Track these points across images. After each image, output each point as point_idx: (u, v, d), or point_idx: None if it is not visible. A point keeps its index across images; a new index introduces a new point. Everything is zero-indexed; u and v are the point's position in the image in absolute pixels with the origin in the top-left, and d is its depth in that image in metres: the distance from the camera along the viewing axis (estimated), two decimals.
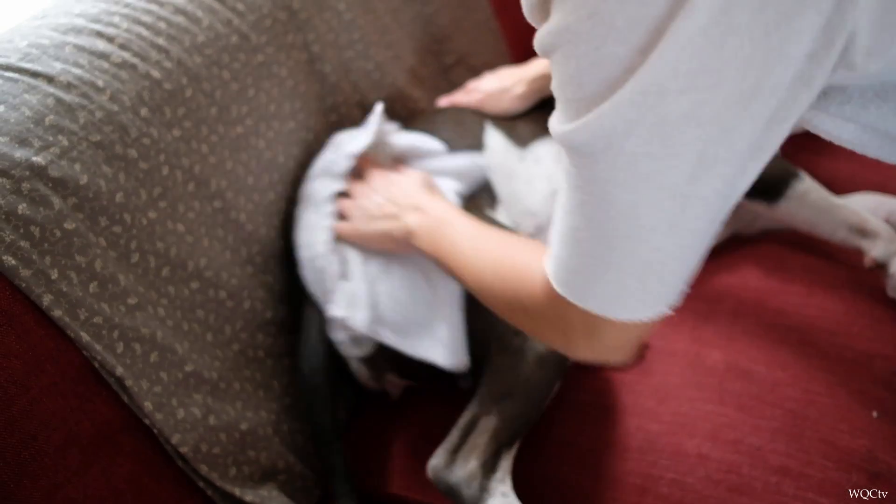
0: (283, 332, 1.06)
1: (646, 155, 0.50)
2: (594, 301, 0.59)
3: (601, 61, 0.49)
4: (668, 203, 0.52)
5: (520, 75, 1.23)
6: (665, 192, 0.52)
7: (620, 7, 0.47)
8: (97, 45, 0.91)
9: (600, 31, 0.48)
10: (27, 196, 0.78)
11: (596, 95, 0.50)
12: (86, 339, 0.80)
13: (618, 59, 0.48)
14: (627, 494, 0.87)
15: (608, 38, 0.47)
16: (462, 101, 1.26)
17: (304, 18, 1.17)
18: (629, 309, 0.58)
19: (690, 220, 0.53)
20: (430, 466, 0.89)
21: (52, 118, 0.83)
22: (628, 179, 0.51)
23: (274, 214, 1.07)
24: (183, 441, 0.87)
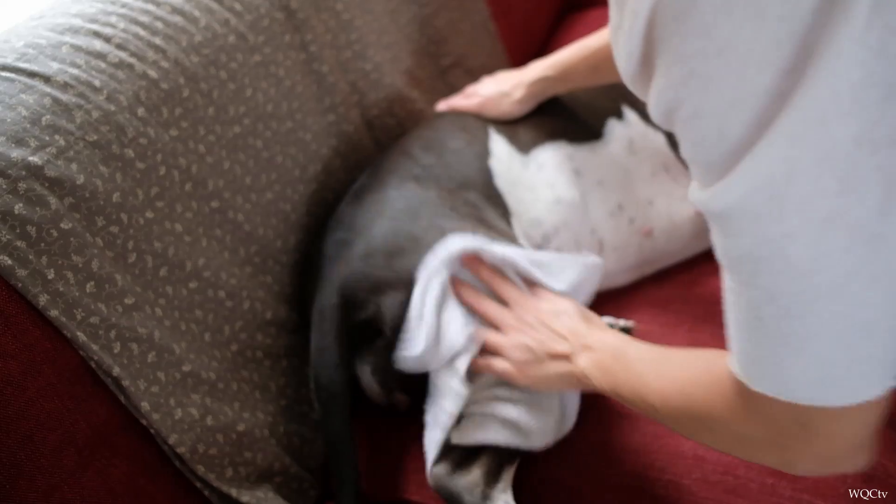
0: (282, 333, 1.06)
1: (819, 195, 0.42)
2: (798, 388, 0.48)
3: (742, 100, 0.42)
4: (860, 247, 0.43)
5: (518, 79, 1.21)
6: (852, 235, 0.43)
7: (758, 29, 0.40)
8: (94, 45, 0.91)
9: (736, 65, 0.42)
10: (23, 196, 0.78)
11: (743, 142, 0.43)
12: (82, 339, 0.80)
13: (763, 92, 0.42)
14: (624, 496, 0.87)
15: (747, 69, 0.41)
16: (461, 105, 1.26)
17: (302, 19, 1.17)
18: (843, 389, 0.47)
19: (892, 262, 0.43)
20: (432, 474, 0.89)
21: (49, 118, 0.83)
22: (804, 230, 0.43)
23: (272, 214, 1.07)
24: (180, 441, 0.87)
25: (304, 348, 1.08)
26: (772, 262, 0.45)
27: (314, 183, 1.15)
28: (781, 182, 0.42)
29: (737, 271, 0.48)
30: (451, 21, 1.52)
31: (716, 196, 0.45)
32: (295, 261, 1.10)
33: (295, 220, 1.11)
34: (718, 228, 0.48)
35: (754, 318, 0.48)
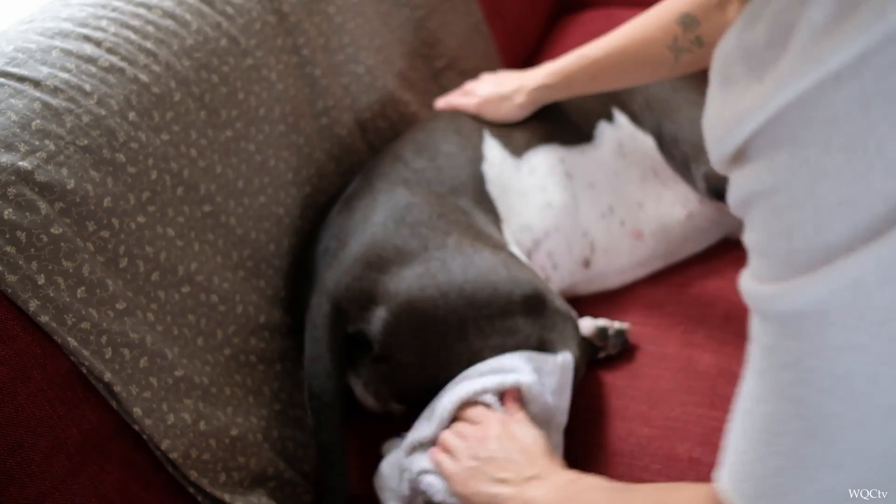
0: (275, 337, 1.05)
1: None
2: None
3: (857, 202, 0.38)
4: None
5: (520, 83, 1.20)
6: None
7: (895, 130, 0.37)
8: (84, 49, 0.91)
9: (860, 164, 0.38)
10: (13, 201, 0.77)
11: (842, 244, 0.39)
12: (73, 344, 0.79)
13: (883, 198, 0.37)
14: None
15: (873, 171, 0.37)
16: (459, 103, 1.25)
17: (294, 22, 1.17)
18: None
19: None
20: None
21: (39, 122, 0.82)
22: (875, 346, 0.39)
23: (265, 218, 1.07)
24: (173, 447, 0.86)
25: (298, 352, 1.08)
26: (820, 375, 0.40)
27: (307, 186, 1.15)
28: (869, 289, 0.38)
29: (772, 378, 0.43)
30: (444, 23, 1.52)
31: (786, 294, 0.41)
32: (288, 264, 1.10)
33: (288, 223, 1.11)
34: (772, 329, 0.43)
35: (773, 431, 0.44)
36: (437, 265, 0.95)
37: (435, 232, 0.99)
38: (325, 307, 0.97)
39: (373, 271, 0.96)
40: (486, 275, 0.95)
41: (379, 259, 0.96)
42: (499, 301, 0.94)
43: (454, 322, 0.94)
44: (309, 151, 1.16)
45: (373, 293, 0.95)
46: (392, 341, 0.94)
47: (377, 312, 0.94)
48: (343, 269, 0.97)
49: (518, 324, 0.95)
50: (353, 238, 0.99)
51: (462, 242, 0.98)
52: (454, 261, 0.96)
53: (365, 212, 1.02)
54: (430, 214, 1.01)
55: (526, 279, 0.97)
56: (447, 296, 0.94)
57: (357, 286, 0.96)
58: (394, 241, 0.97)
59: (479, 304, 0.94)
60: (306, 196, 1.15)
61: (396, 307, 0.93)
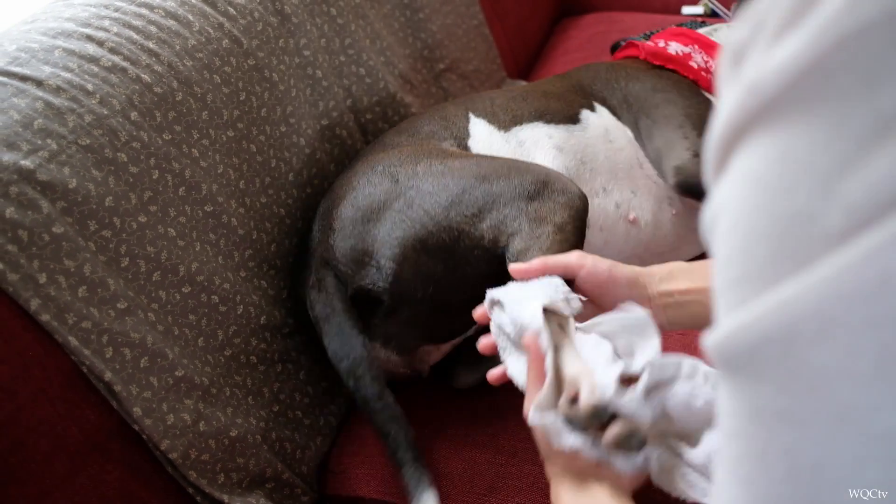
0: (276, 338, 1.05)
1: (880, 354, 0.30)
2: None
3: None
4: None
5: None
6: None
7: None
8: (87, 49, 0.91)
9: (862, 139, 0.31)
10: (15, 200, 0.77)
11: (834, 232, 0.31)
12: (74, 343, 0.79)
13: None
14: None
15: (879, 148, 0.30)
16: None
17: (297, 23, 1.17)
18: None
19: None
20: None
21: (41, 122, 0.82)
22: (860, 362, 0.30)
23: (266, 218, 1.07)
24: (172, 447, 0.86)
25: (299, 353, 1.08)
26: (783, 443, 0.33)
27: (308, 187, 1.15)
28: (826, 324, 0.30)
29: (735, 445, 0.35)
30: (445, 25, 1.52)
31: (738, 330, 0.33)
32: (290, 265, 1.10)
33: (289, 224, 1.11)
34: (726, 383, 0.35)
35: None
36: (413, 193, 0.97)
37: (405, 166, 1.01)
38: (326, 279, 0.98)
39: (359, 226, 0.97)
40: (459, 181, 0.97)
41: (361, 213, 0.98)
42: (480, 196, 0.95)
43: (449, 235, 0.94)
44: (310, 152, 1.16)
45: (366, 248, 0.96)
46: (400, 284, 0.94)
47: (376, 264, 0.95)
48: (333, 237, 0.99)
49: (509, 207, 0.94)
50: (336, 208, 1.01)
51: (432, 164, 1.00)
52: (426, 183, 0.97)
53: (343, 186, 1.04)
54: (400, 157, 1.04)
55: (500, 165, 0.99)
56: (432, 216, 0.94)
57: (349, 246, 0.97)
58: (368, 190, 0.99)
59: (463, 207, 0.95)
60: (307, 197, 1.15)
61: (392, 252, 0.94)
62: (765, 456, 0.33)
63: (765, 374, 0.32)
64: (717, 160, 0.37)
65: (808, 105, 0.32)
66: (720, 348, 0.34)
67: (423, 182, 0.98)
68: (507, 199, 0.95)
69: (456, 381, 1.07)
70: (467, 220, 0.94)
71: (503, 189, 0.95)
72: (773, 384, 0.32)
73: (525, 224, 0.92)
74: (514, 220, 0.93)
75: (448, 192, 0.96)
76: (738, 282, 0.34)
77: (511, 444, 0.96)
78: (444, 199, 0.95)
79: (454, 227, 0.94)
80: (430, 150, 1.06)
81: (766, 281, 0.32)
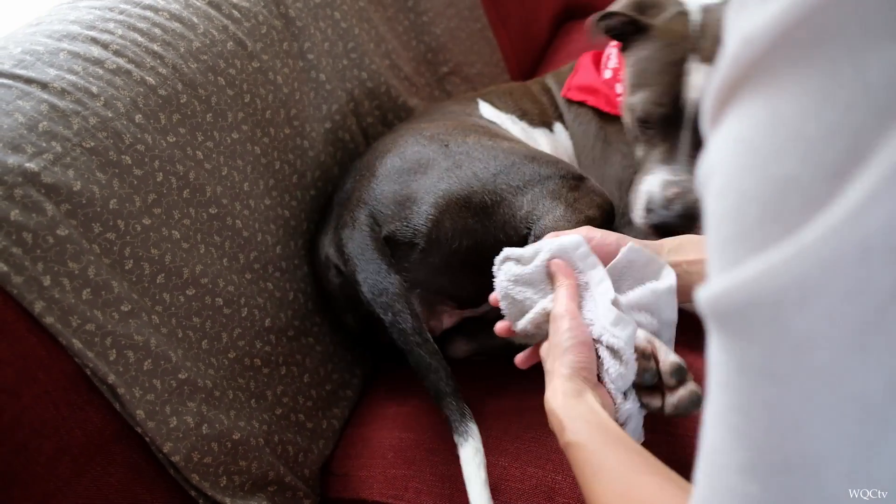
0: (280, 341, 1.05)
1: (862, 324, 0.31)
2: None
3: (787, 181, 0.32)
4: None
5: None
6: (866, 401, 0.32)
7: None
8: (92, 52, 0.91)
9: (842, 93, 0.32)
10: (20, 202, 0.78)
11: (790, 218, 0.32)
12: (78, 346, 0.79)
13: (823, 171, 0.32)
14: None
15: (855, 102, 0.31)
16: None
17: (301, 26, 1.17)
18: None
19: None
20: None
21: (46, 124, 0.83)
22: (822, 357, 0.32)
23: (271, 220, 1.07)
24: (175, 450, 0.86)
25: (304, 355, 1.08)
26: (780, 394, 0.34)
27: (312, 189, 1.15)
28: (812, 288, 0.32)
29: (725, 397, 0.37)
30: (449, 29, 1.52)
31: (727, 290, 0.34)
32: (294, 267, 1.10)
33: (294, 226, 1.11)
34: (718, 337, 0.37)
35: (723, 452, 0.38)
36: (463, 158, 1.01)
37: (454, 136, 1.05)
38: (361, 218, 0.99)
39: (405, 175, 1.01)
40: (510, 156, 1.01)
41: (409, 165, 1.01)
42: (528, 172, 1.00)
43: (492, 198, 0.98)
44: (314, 155, 1.16)
45: (409, 193, 0.99)
46: (438, 230, 0.96)
47: (417, 209, 0.97)
48: (375, 181, 1.01)
49: (551, 188, 0.99)
50: (381, 159, 1.04)
51: (481, 139, 1.04)
52: (477, 151, 1.02)
53: (388, 144, 1.07)
54: (447, 128, 1.08)
55: (545, 154, 1.04)
56: (480, 178, 0.99)
57: (391, 189, 1.00)
58: (417, 148, 1.03)
59: (510, 178, 0.99)
60: (311, 199, 1.15)
61: (435, 200, 0.97)
62: (749, 408, 0.35)
63: (752, 333, 0.34)
64: (714, 112, 0.38)
65: (797, 67, 0.33)
66: (712, 305, 0.36)
67: (474, 150, 1.02)
68: (551, 181, 1.00)
69: (453, 350, 1.08)
70: (511, 190, 0.98)
71: (550, 172, 1.01)
72: (759, 344, 0.34)
73: (561, 208, 0.97)
74: (553, 199, 0.98)
75: (498, 161, 1.00)
76: (730, 241, 0.35)
77: (514, 447, 0.96)
78: (493, 166, 1.00)
79: (498, 192, 0.98)
80: (476, 126, 1.10)
81: (755, 243, 0.34)
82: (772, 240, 0.33)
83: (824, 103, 0.32)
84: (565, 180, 1.01)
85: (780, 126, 0.33)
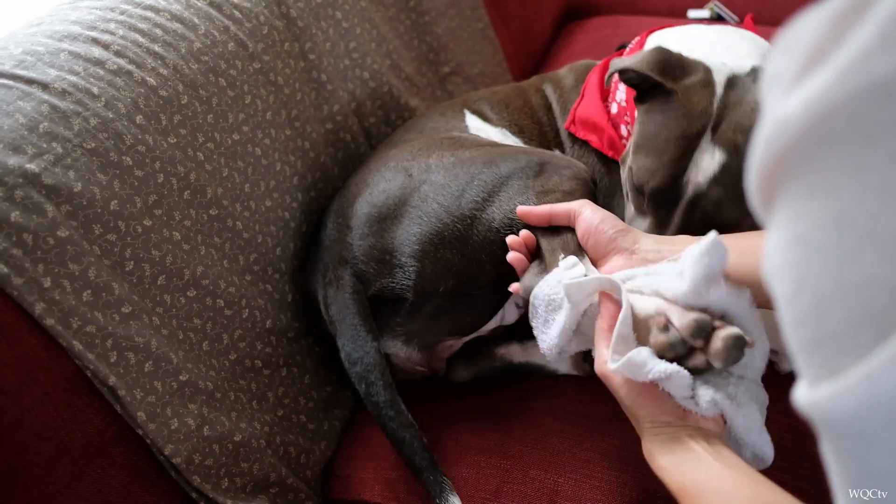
0: (281, 342, 1.05)
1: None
2: None
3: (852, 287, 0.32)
4: None
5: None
6: None
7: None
8: (93, 52, 0.91)
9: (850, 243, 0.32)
10: (20, 203, 0.77)
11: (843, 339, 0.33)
12: (78, 348, 0.79)
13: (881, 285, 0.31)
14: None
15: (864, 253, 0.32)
16: None
17: (302, 27, 1.17)
18: None
19: None
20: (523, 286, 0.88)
21: (47, 125, 0.82)
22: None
23: (271, 222, 1.07)
24: (176, 452, 0.86)
25: (305, 356, 1.08)
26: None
27: (312, 191, 1.15)
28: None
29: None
30: (450, 29, 1.52)
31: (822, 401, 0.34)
32: (294, 268, 1.10)
33: (294, 227, 1.11)
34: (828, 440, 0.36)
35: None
36: (427, 187, 0.98)
37: (417, 159, 1.02)
38: (345, 278, 0.98)
39: (376, 225, 0.98)
40: (469, 169, 0.98)
41: (378, 211, 0.99)
42: (488, 179, 0.96)
43: (463, 223, 0.95)
44: (314, 156, 1.16)
45: (385, 246, 0.97)
46: (423, 280, 0.95)
47: (398, 262, 0.96)
48: (351, 236, 0.99)
49: (516, 186, 0.96)
50: (352, 206, 1.02)
51: (443, 156, 1.01)
52: (438, 174, 0.98)
53: (358, 184, 1.05)
54: (412, 151, 1.05)
55: (506, 150, 1.00)
56: (446, 207, 0.96)
57: (369, 244, 0.98)
58: (383, 186, 1.00)
59: (473, 192, 0.96)
60: (311, 200, 1.15)
61: (412, 250, 0.95)
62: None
63: (870, 437, 0.33)
64: (762, 199, 0.37)
65: (843, 156, 0.32)
66: (821, 412, 0.35)
67: (435, 174, 0.99)
68: (513, 179, 0.96)
69: (453, 375, 1.07)
70: (478, 205, 0.95)
71: (510, 170, 0.97)
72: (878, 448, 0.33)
73: (533, 198, 0.94)
74: (522, 194, 0.94)
75: (458, 181, 0.97)
76: (816, 344, 0.34)
77: (517, 449, 0.96)
78: (455, 187, 0.97)
79: (467, 214, 0.95)
80: (441, 141, 1.07)
81: (849, 351, 0.33)
82: (867, 344, 0.32)
83: (887, 198, 0.31)
84: (528, 170, 0.97)
85: (847, 226, 0.32)
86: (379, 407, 0.92)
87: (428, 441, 0.92)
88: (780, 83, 0.35)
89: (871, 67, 0.30)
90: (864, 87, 0.30)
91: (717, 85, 0.91)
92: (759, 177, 0.36)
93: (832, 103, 0.31)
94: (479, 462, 0.96)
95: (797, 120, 0.33)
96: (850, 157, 0.32)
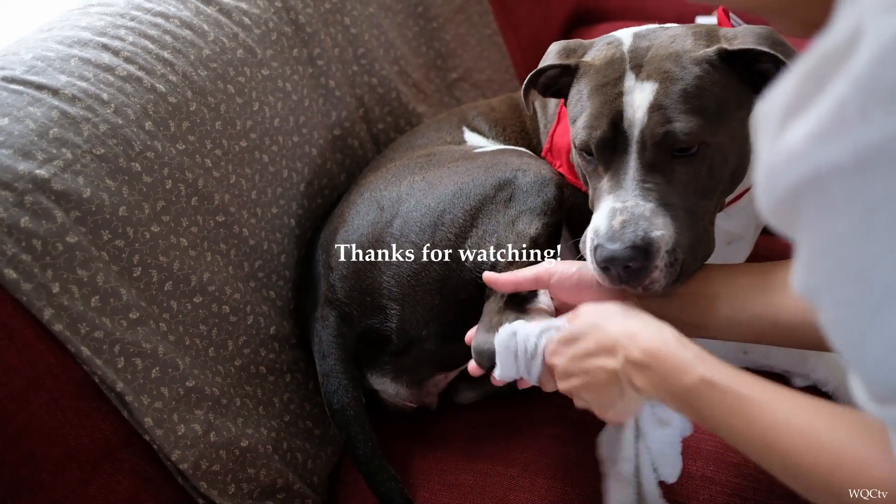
0: (285, 348, 1.05)
1: None
2: None
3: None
4: None
5: None
6: None
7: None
8: (103, 58, 0.91)
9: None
10: (30, 209, 0.78)
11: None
12: (86, 353, 0.79)
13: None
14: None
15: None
16: None
17: (310, 33, 1.17)
18: None
19: None
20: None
21: (57, 131, 0.83)
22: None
23: (277, 229, 1.07)
24: (183, 457, 0.86)
25: (308, 363, 1.08)
26: None
27: (319, 197, 1.15)
28: None
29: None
30: (458, 35, 1.52)
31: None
32: (299, 276, 1.10)
33: (299, 234, 1.11)
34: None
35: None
36: (399, 222, 0.96)
37: (389, 188, 1.00)
38: (330, 318, 0.97)
39: (356, 265, 0.96)
40: (440, 199, 0.95)
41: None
42: (459, 216, 0.94)
43: (440, 265, 0.94)
44: (321, 162, 1.16)
45: (365, 288, 0.96)
46: (406, 323, 0.94)
47: (380, 305, 0.95)
48: (334, 276, 0.98)
49: (486, 224, 0.94)
50: (332, 242, 1.00)
51: (414, 182, 0.99)
52: (409, 205, 0.96)
53: (338, 217, 1.03)
54: (386, 178, 1.02)
55: (475, 170, 0.97)
56: (419, 247, 0.94)
57: (350, 286, 0.96)
58: (356, 223, 0.99)
59: (445, 229, 0.94)
60: (318, 207, 1.15)
61: (391, 293, 0.94)
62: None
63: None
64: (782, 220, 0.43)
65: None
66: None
67: (406, 204, 0.97)
68: (483, 214, 0.94)
69: (458, 397, 1.06)
70: (451, 244, 0.94)
71: (479, 199, 0.95)
72: None
73: (503, 235, 0.92)
74: (493, 235, 0.93)
75: (430, 214, 0.95)
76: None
77: (523, 457, 0.95)
78: (427, 223, 0.95)
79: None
80: (416, 161, 1.04)
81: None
82: None
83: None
84: (498, 198, 0.94)
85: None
86: (361, 462, 0.93)
87: (430, 449, 0.92)
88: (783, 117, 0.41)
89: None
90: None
91: (623, 41, 0.90)
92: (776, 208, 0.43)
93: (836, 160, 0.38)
94: (484, 470, 0.96)
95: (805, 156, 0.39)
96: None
